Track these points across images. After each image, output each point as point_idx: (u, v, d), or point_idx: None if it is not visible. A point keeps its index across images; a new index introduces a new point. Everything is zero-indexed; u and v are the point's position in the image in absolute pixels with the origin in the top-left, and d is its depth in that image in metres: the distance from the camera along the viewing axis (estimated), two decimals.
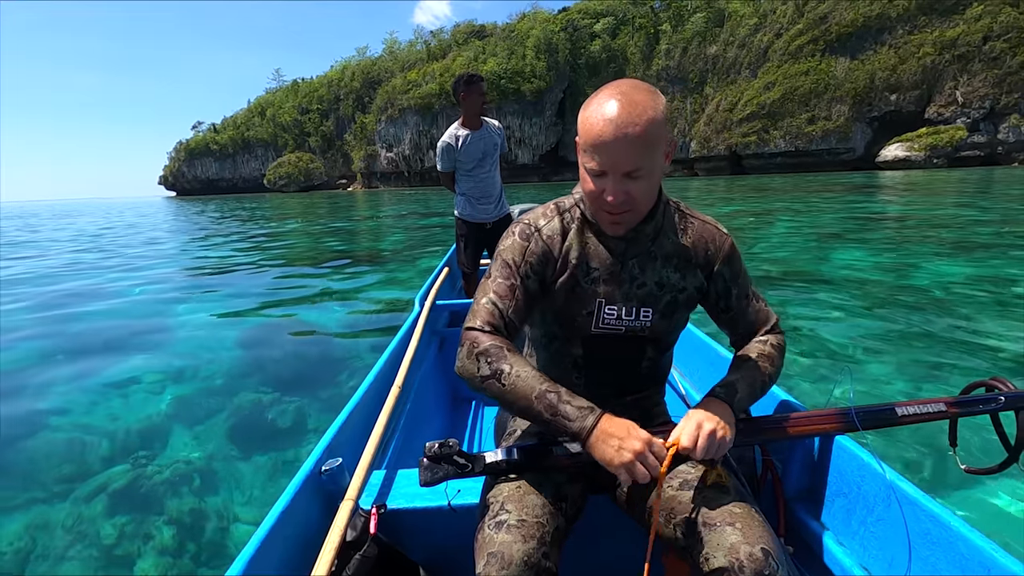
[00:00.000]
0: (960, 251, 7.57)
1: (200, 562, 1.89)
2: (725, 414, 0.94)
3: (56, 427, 3.11)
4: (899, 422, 1.04)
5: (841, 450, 1.12)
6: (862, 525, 1.05)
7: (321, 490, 1.11)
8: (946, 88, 69.42)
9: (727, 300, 1.09)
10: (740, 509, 0.88)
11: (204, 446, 2.75)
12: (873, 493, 1.02)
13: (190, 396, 3.43)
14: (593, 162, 0.89)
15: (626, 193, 0.90)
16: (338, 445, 1.21)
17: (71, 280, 8.43)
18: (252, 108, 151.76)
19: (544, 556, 0.85)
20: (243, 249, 12.01)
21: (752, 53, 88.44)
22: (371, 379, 1.55)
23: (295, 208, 33.81)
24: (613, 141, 0.86)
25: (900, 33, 74.32)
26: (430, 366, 2.26)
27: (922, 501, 0.93)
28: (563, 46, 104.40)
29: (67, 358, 4.38)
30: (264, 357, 4.20)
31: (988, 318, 4.33)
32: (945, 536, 0.87)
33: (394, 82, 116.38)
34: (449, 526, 1.12)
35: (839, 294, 5.37)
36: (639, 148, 0.86)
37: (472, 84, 3.19)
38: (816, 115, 76.90)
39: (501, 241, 1.05)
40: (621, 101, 0.86)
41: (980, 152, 65.53)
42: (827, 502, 1.15)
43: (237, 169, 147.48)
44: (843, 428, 1.05)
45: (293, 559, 0.96)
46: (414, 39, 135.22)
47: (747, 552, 0.82)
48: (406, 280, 7.34)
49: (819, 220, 12.77)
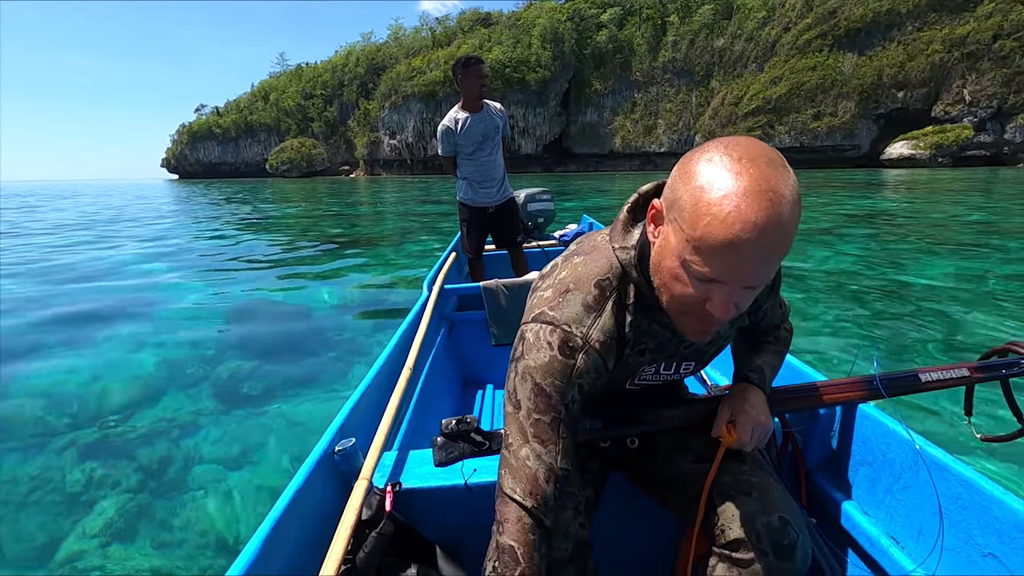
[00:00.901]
0: (940, 250, 7.64)
1: (212, 543, 1.91)
2: (763, 403, 0.92)
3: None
4: (923, 388, 1.02)
5: (865, 418, 1.11)
6: (888, 493, 1.03)
7: (335, 470, 1.11)
8: (954, 86, 68.85)
9: (758, 311, 1.01)
10: (757, 478, 0.86)
11: (212, 424, 2.76)
12: (899, 460, 1.00)
13: (196, 375, 3.45)
14: (707, 268, 0.65)
15: (736, 306, 0.69)
16: (351, 426, 1.22)
17: (67, 257, 8.52)
18: (255, 92, 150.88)
19: (580, 526, 0.83)
20: (246, 229, 12.09)
21: (759, 47, 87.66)
22: (382, 361, 1.57)
23: (297, 194, 33.77)
24: (755, 255, 0.63)
25: (909, 29, 73.57)
26: (440, 350, 2.27)
27: (952, 465, 0.91)
28: (569, 36, 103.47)
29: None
30: (277, 337, 4.20)
31: (961, 308, 4.43)
32: (978, 500, 0.85)
33: (398, 69, 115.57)
34: (465, 505, 1.11)
35: (804, 285, 5.46)
36: (778, 261, 0.66)
37: (470, 66, 3.16)
38: (822, 111, 76.37)
39: (526, 351, 0.79)
40: (773, 200, 0.61)
41: (986, 152, 65.12)
42: (851, 471, 1.14)
43: (240, 153, 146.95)
44: (867, 396, 1.04)
45: (309, 537, 0.96)
46: (419, 26, 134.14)
47: (764, 522, 0.79)
48: (408, 263, 7.39)
49: (808, 216, 12.82)
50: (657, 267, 0.74)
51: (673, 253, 0.69)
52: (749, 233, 0.60)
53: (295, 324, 4.61)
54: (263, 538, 0.85)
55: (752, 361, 0.99)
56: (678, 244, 0.68)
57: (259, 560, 0.82)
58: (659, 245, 0.73)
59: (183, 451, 2.53)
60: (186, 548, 1.89)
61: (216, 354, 3.80)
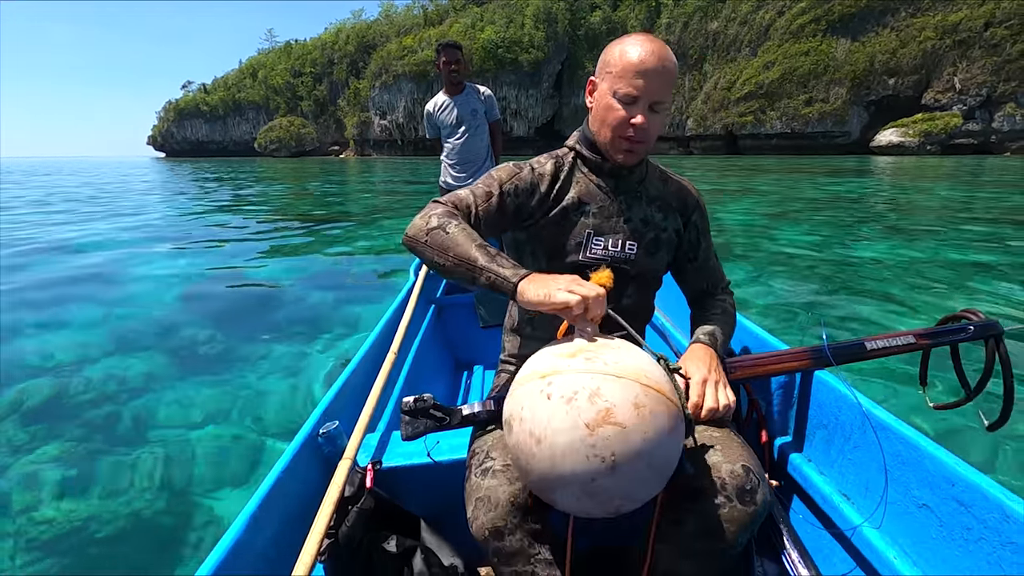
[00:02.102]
0: (893, 234, 7.84)
1: (194, 527, 1.91)
2: (713, 359, 1.01)
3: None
4: (870, 355, 1.08)
5: (820, 384, 1.18)
6: (840, 454, 1.10)
7: (319, 452, 1.15)
8: (944, 74, 69.01)
9: (696, 250, 1.18)
10: (719, 433, 0.93)
11: (195, 406, 2.74)
12: (849, 422, 1.07)
13: (175, 354, 3.44)
14: (629, 87, 0.95)
15: (649, 122, 0.98)
16: (335, 409, 1.25)
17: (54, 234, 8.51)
18: (243, 69, 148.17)
19: (530, 495, 0.87)
20: (231, 209, 12.07)
21: (753, 31, 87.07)
22: (368, 346, 1.60)
23: (286, 174, 33.45)
24: (654, 69, 0.94)
25: (903, 15, 73.39)
26: (428, 333, 2.30)
27: (894, 425, 0.97)
28: (563, 16, 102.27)
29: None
30: (259, 318, 4.16)
31: (898, 290, 4.62)
32: (915, 456, 0.92)
33: (389, 47, 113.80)
34: (442, 479, 1.16)
35: (759, 265, 5.63)
36: (670, 82, 0.97)
37: (440, 51, 3.26)
38: (814, 97, 76.34)
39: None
40: (657, 42, 0.96)
41: (974, 140, 65.60)
42: (808, 435, 1.21)
43: (227, 132, 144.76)
44: (818, 364, 1.09)
45: (293, 515, 1.00)
46: (411, 3, 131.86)
47: (728, 469, 0.86)
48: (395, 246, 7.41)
49: (777, 199, 12.99)
50: (596, 116, 1.04)
51: (606, 92, 1.00)
52: (648, 54, 0.94)
53: (278, 308, 4.53)
54: (248, 516, 0.88)
55: (704, 328, 1.11)
56: (608, 83, 0.99)
57: (244, 536, 0.86)
58: (596, 100, 1.03)
59: (146, 420, 2.60)
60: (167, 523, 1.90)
61: (188, 330, 3.86)
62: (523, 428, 0.73)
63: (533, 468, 0.72)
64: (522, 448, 0.73)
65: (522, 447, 0.73)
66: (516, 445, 0.75)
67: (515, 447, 0.75)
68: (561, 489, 0.71)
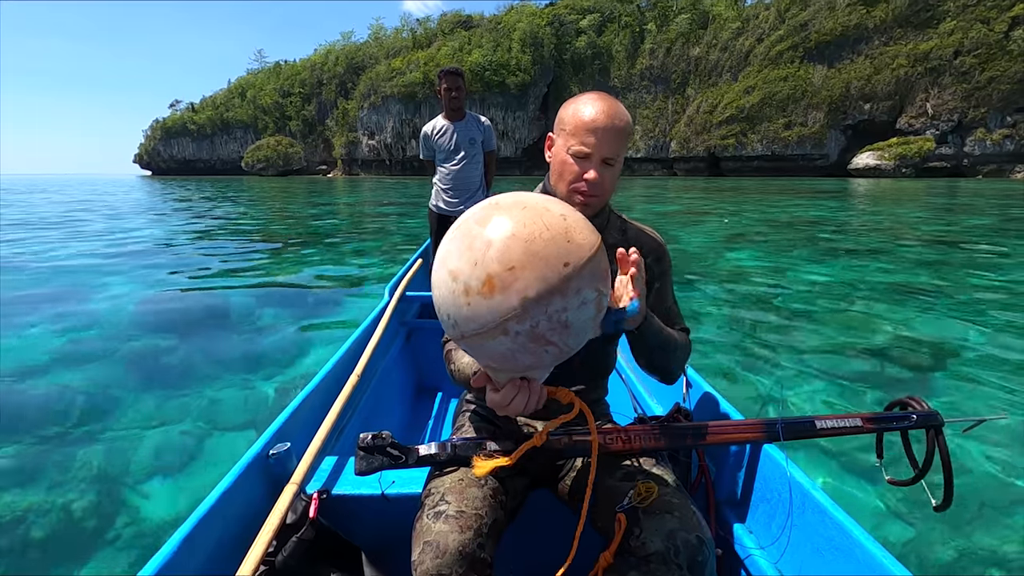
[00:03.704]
0: (827, 256, 8.07)
1: (125, 542, 1.89)
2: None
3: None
4: (818, 434, 1.10)
5: (768, 458, 1.18)
6: (780, 530, 1.10)
7: (267, 473, 1.12)
8: (917, 100, 71.23)
9: (648, 291, 1.13)
10: (678, 500, 0.93)
11: (146, 421, 2.71)
12: (791, 501, 1.08)
13: (133, 364, 3.45)
14: (581, 145, 1.01)
15: (601, 177, 1.03)
16: (288, 430, 1.21)
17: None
18: (232, 88, 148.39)
19: (479, 547, 0.87)
20: (207, 229, 12.05)
21: (734, 57, 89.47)
22: (330, 367, 1.56)
23: (272, 192, 33.44)
24: (604, 128, 1.00)
25: (876, 44, 75.93)
26: (395, 356, 2.25)
27: (830, 510, 0.99)
28: (549, 41, 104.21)
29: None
30: (217, 337, 4.12)
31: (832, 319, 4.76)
32: (846, 542, 0.94)
33: (378, 69, 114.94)
34: (391, 513, 1.13)
35: (715, 286, 5.77)
36: (621, 139, 1.03)
37: (442, 77, 3.30)
38: (793, 120, 78.27)
39: None
40: (608, 101, 1.03)
41: (947, 163, 67.45)
42: (752, 507, 1.21)
43: (215, 150, 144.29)
44: (768, 438, 1.10)
45: (231, 539, 0.96)
46: (400, 26, 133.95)
47: (684, 539, 0.85)
48: (369, 266, 7.45)
49: (741, 222, 13.29)
50: (553, 171, 1.09)
51: (561, 149, 1.05)
52: (599, 112, 1.00)
53: (245, 325, 4.50)
54: (183, 537, 0.85)
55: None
56: (563, 140, 1.05)
57: (176, 557, 0.82)
58: (553, 155, 1.09)
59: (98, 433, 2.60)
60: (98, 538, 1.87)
61: (146, 343, 3.87)
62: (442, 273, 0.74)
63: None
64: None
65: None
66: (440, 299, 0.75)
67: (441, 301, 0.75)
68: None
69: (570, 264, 0.69)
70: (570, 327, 0.71)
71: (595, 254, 0.73)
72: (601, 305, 0.75)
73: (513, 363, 0.74)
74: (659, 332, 1.05)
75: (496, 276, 0.67)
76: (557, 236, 0.70)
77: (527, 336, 0.69)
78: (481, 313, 0.69)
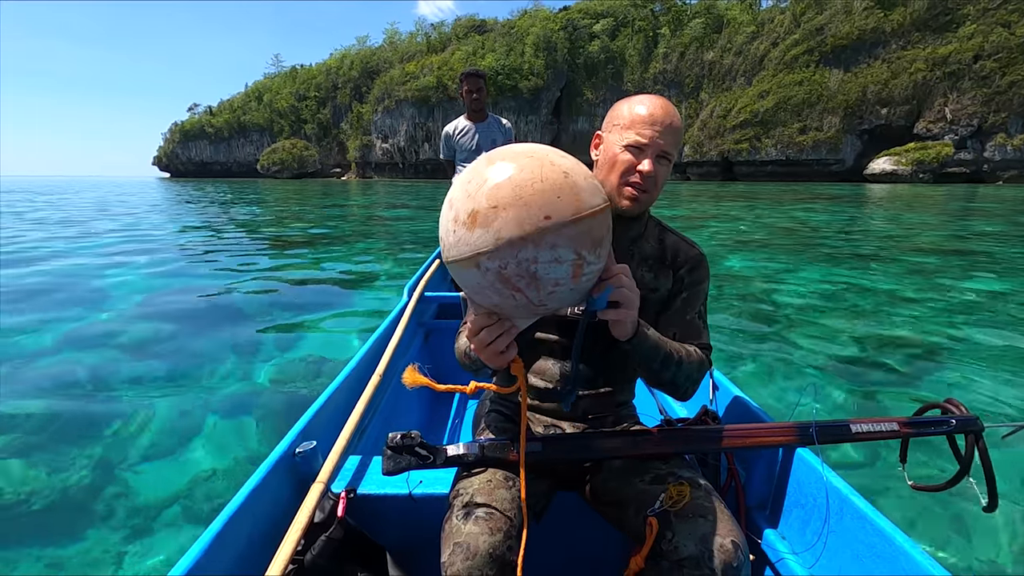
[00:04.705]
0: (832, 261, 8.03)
1: (154, 545, 1.90)
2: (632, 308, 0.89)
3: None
4: (854, 438, 1.09)
5: (801, 462, 1.15)
6: (816, 536, 1.07)
7: (294, 472, 1.12)
8: (936, 104, 70.22)
9: (673, 300, 1.13)
10: (711, 504, 0.90)
11: (175, 424, 2.72)
12: (827, 506, 1.05)
13: (158, 357, 3.53)
14: (638, 136, 0.99)
15: (656, 171, 1.01)
16: (313, 429, 1.23)
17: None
18: (249, 92, 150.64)
19: (509, 550, 0.86)
20: (226, 230, 12.29)
21: (748, 61, 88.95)
22: (352, 366, 1.59)
23: (286, 195, 33.85)
24: (662, 123, 0.99)
25: (894, 48, 75.06)
26: (414, 356, 2.27)
27: (871, 516, 0.95)
28: (562, 45, 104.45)
29: None
30: (243, 336, 4.14)
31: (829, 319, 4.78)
32: (890, 551, 0.90)
33: (392, 73, 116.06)
34: (417, 513, 1.13)
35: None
36: (677, 137, 1.02)
37: (463, 79, 3.33)
38: (808, 125, 77.54)
39: None
40: (664, 100, 1.02)
41: (966, 169, 66.36)
42: (785, 512, 1.18)
43: (232, 153, 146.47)
44: (802, 441, 1.09)
45: (259, 538, 0.97)
46: (415, 31, 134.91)
47: (718, 543, 0.83)
48: (390, 269, 7.46)
49: (748, 227, 13.23)
50: (602, 166, 1.06)
51: (613, 144, 1.03)
52: (658, 108, 1.00)
53: (266, 322, 4.53)
54: (213, 535, 0.86)
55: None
56: (616, 135, 1.03)
57: (207, 556, 0.83)
58: (602, 152, 1.07)
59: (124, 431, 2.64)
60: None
61: (167, 338, 3.95)
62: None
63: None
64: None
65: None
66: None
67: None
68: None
69: (552, 218, 0.69)
70: (538, 280, 0.71)
71: (584, 217, 0.71)
72: (579, 271, 0.73)
73: (482, 298, 0.76)
74: (654, 348, 0.98)
75: (480, 211, 0.69)
76: (549, 189, 0.70)
77: (495, 275, 0.71)
78: (461, 242, 0.71)
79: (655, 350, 0.98)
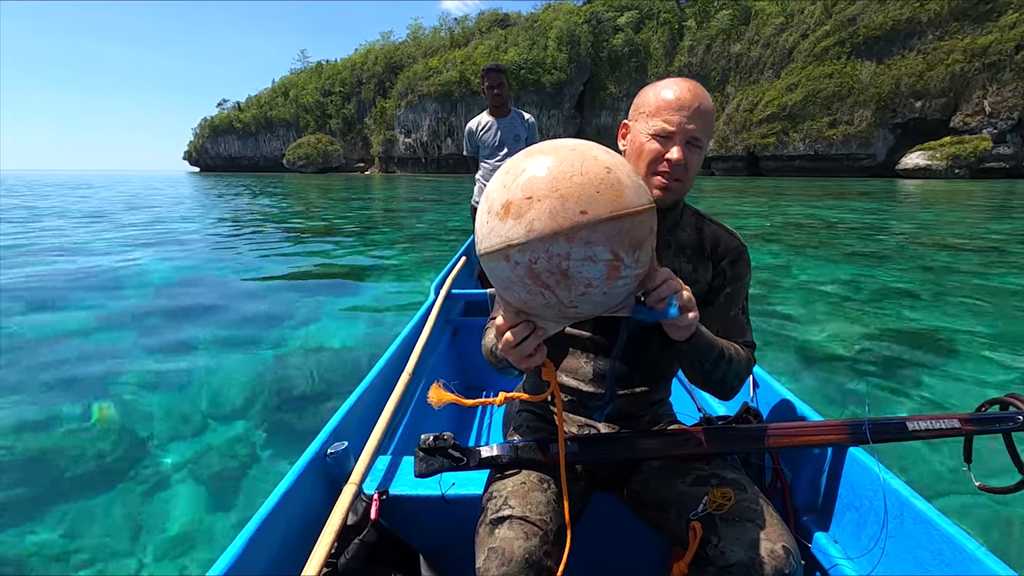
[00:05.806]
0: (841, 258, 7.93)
1: (196, 543, 1.88)
2: (690, 300, 0.84)
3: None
4: (911, 437, 1.03)
5: (854, 462, 1.10)
6: (872, 541, 1.02)
7: (326, 473, 1.12)
8: (974, 97, 67.70)
9: (717, 294, 1.07)
10: (758, 507, 0.87)
11: (208, 417, 2.74)
12: (885, 509, 1.00)
13: (185, 368, 3.43)
14: (664, 123, 0.93)
15: (686, 158, 0.95)
16: (344, 429, 1.22)
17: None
18: (276, 88, 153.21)
19: (546, 555, 0.84)
20: (253, 223, 12.66)
21: (776, 53, 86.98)
22: (381, 365, 1.58)
23: (310, 189, 34.34)
24: (689, 107, 0.93)
25: (930, 39, 72.52)
26: (442, 355, 2.24)
27: (936, 520, 0.89)
28: (585, 39, 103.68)
29: None
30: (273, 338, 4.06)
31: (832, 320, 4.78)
32: (959, 558, 0.84)
33: (415, 68, 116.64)
34: (450, 516, 1.12)
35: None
36: (707, 121, 0.95)
37: (484, 74, 3.32)
38: (838, 119, 75.55)
39: None
40: (693, 82, 0.96)
41: (1005, 164, 63.86)
42: (836, 515, 1.13)
43: (259, 148, 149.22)
44: (854, 440, 1.04)
45: (294, 540, 0.96)
46: (439, 25, 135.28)
47: (769, 548, 0.80)
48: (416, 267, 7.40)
49: (764, 223, 13.08)
50: (629, 156, 1.00)
51: (640, 133, 0.97)
52: (685, 91, 0.94)
53: (291, 319, 4.52)
54: (249, 536, 0.86)
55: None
56: (643, 123, 0.97)
57: (244, 557, 0.83)
58: (630, 141, 1.01)
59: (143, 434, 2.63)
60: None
61: (194, 346, 3.90)
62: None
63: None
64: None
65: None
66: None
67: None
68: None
69: (588, 213, 0.66)
70: (570, 278, 0.68)
71: (624, 215, 0.68)
72: (615, 274, 0.70)
73: (511, 295, 0.74)
74: (709, 347, 0.95)
75: (515, 202, 0.67)
76: (588, 183, 0.67)
77: (525, 269, 0.68)
78: (493, 233, 0.69)
79: (709, 348, 0.95)
